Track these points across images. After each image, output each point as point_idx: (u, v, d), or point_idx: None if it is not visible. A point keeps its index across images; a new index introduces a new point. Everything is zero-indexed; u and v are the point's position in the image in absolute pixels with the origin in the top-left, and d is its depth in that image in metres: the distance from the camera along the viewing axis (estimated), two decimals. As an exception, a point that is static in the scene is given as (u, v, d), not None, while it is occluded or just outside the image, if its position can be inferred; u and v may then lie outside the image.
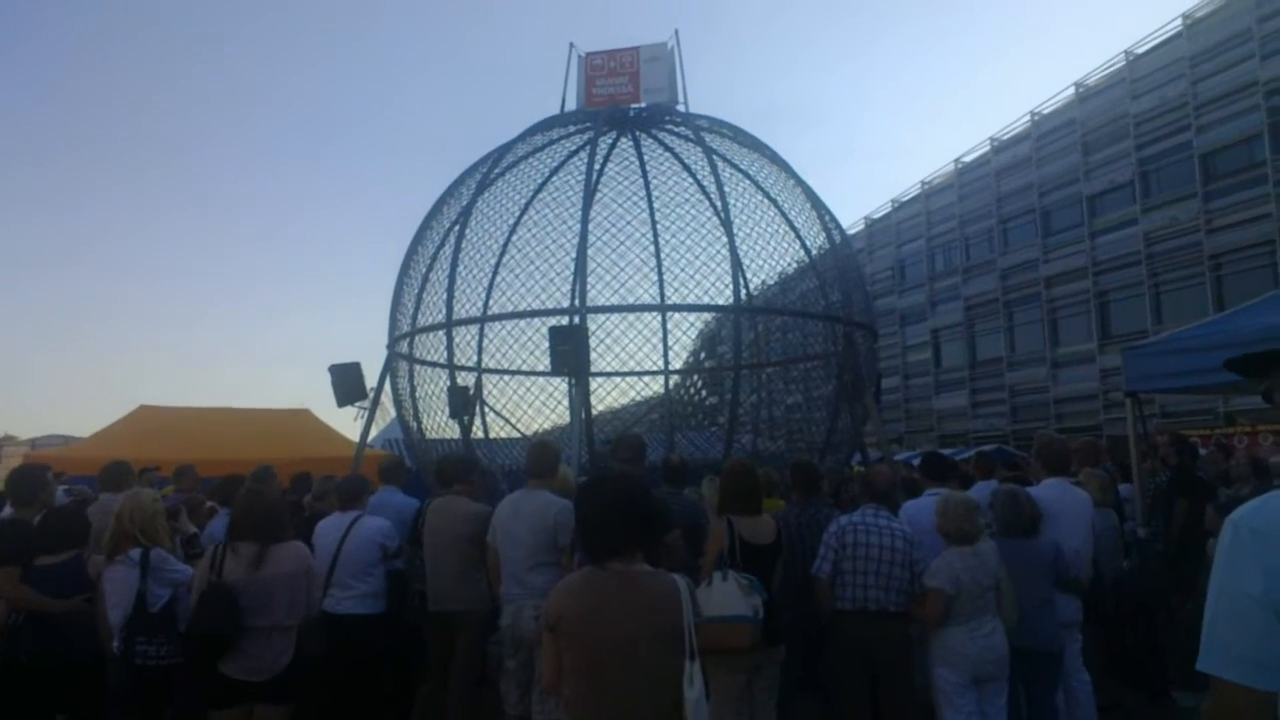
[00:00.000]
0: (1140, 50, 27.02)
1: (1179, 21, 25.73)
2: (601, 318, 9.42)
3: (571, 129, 10.36)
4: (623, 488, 2.79)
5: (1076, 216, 28.71)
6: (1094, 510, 5.51)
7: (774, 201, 10.19)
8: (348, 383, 9.85)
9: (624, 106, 10.38)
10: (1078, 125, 28.75)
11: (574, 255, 9.22)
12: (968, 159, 33.95)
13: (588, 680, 2.50)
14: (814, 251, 10.34)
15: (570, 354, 7.91)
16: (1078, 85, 29.12)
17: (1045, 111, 30.47)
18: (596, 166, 9.81)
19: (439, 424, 9.98)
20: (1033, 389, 30.04)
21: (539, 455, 4.99)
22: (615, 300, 9.59)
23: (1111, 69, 27.96)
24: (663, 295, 10.87)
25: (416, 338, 9.94)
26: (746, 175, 10.15)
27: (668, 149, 10.66)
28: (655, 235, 11.13)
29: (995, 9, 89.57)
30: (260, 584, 3.94)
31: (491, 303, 10.19)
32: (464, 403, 9.58)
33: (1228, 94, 24.04)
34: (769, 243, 10.05)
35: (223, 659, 3.88)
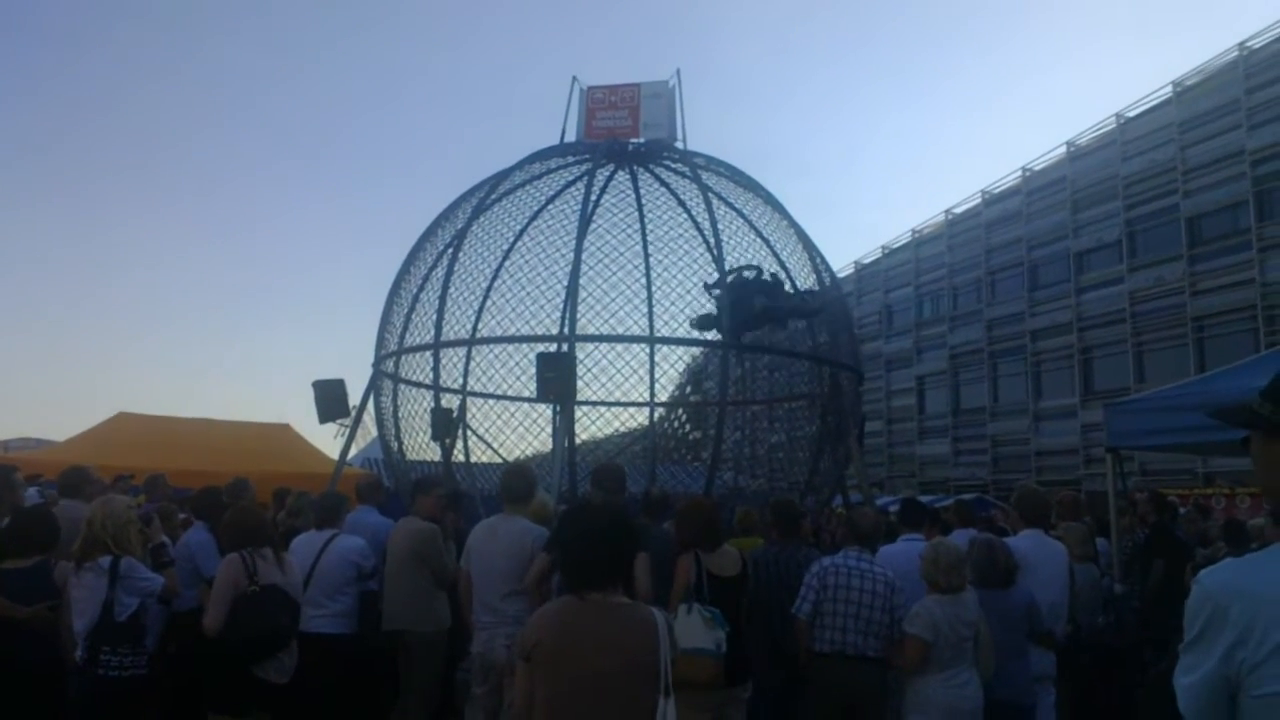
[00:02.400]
0: (1131, 113, 27.59)
1: (1169, 88, 26.31)
2: (590, 347, 9.41)
3: (570, 159, 10.42)
4: (606, 518, 2.77)
5: (1064, 272, 29.10)
6: (1074, 564, 5.52)
7: (766, 241, 10.26)
8: (330, 399, 9.77)
9: (623, 140, 10.46)
10: (1068, 183, 29.23)
11: (566, 283, 9.24)
12: (958, 210, 34.41)
13: (560, 711, 2.47)
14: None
15: (557, 381, 7.89)
16: (1069, 144, 29.65)
17: (1037, 168, 30.98)
18: (593, 198, 9.86)
19: (420, 445, 9.91)
20: (1014, 440, 30.21)
21: (515, 480, 4.96)
22: (605, 330, 9.60)
23: (1103, 130, 28.52)
24: (652, 328, 10.89)
25: (403, 357, 9.90)
26: (740, 214, 10.22)
27: (664, 184, 10.73)
28: (647, 268, 11.16)
29: (990, 64, 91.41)
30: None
31: (481, 326, 10.16)
32: (447, 425, 9.52)
33: (1215, 161, 24.55)
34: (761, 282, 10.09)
35: (265, 661, 4.09)
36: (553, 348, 8.57)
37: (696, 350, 12.08)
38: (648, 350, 11.00)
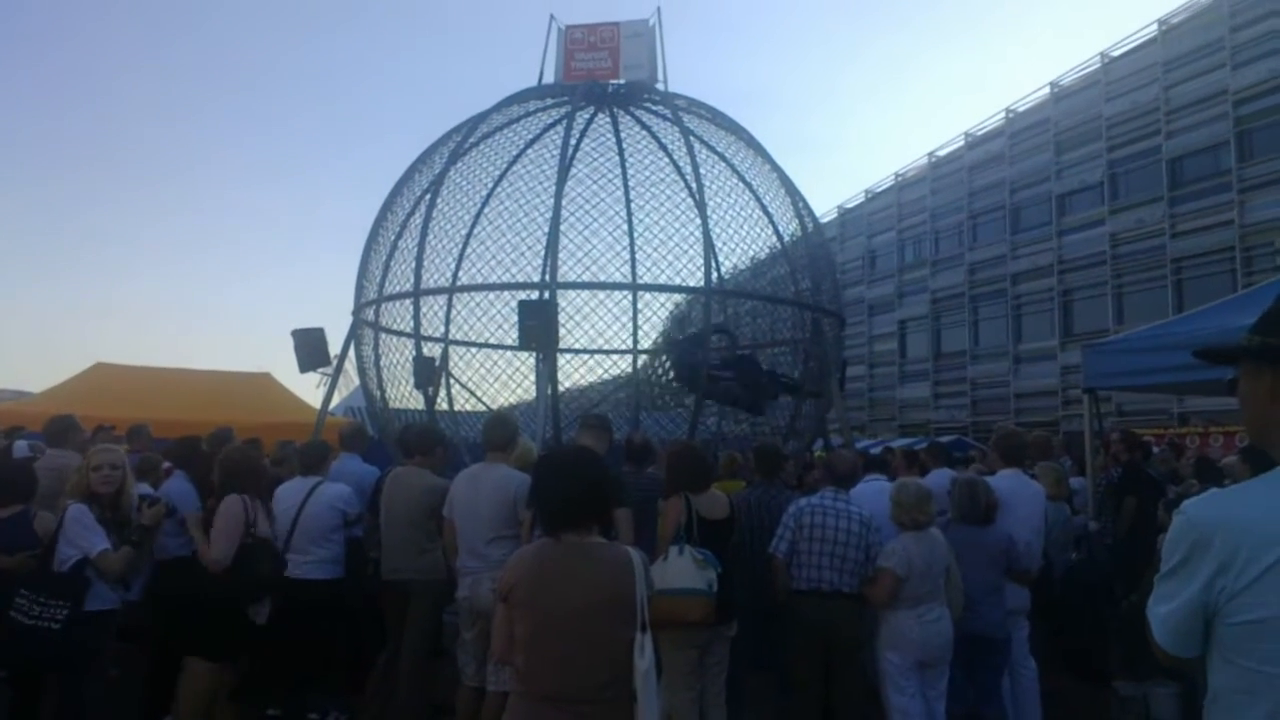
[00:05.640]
0: (1116, 53, 27.35)
1: (1155, 26, 26.06)
2: (572, 294, 9.37)
3: (548, 102, 10.24)
4: (579, 460, 2.81)
5: (1045, 215, 29.12)
6: (1047, 502, 5.63)
7: (749, 185, 10.17)
8: (311, 348, 9.70)
9: (602, 82, 10.28)
10: (1051, 124, 29.09)
11: (546, 230, 9.15)
12: (941, 153, 34.22)
13: (539, 650, 2.51)
14: (786, 237, 10.35)
15: (539, 329, 7.86)
16: (1053, 85, 29.42)
17: (1020, 109, 30.77)
18: (572, 142, 9.71)
19: (403, 394, 9.88)
20: (994, 383, 30.53)
21: (497, 428, 4.97)
22: (586, 277, 9.55)
23: (1087, 70, 28.28)
24: (634, 274, 10.83)
25: (383, 306, 9.81)
26: (722, 158, 10.11)
27: (645, 127, 10.58)
28: (629, 214, 11.06)
29: (975, 2, 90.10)
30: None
31: (461, 274, 10.07)
32: (429, 374, 9.49)
33: (1198, 101, 24.45)
34: (742, 226, 10.04)
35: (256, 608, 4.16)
36: (534, 295, 8.52)
37: (679, 297, 12.05)
38: (630, 297, 10.95)
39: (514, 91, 10.16)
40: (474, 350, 10.36)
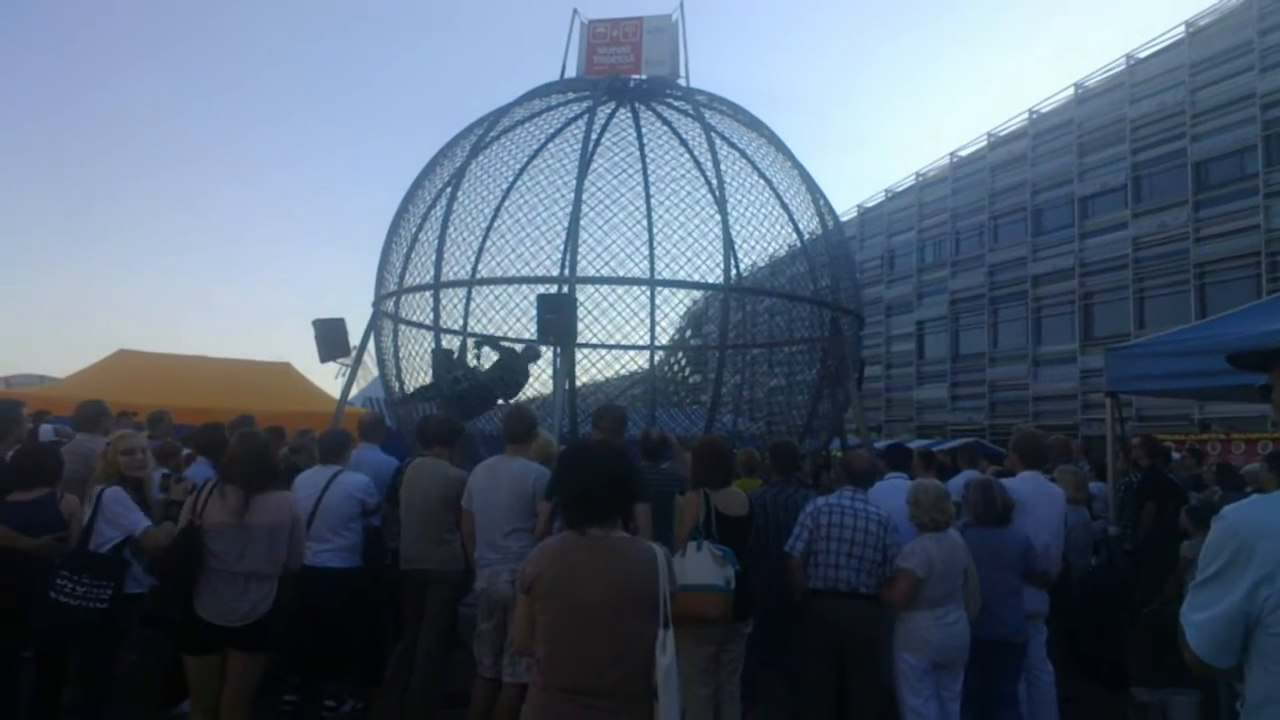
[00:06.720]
0: (1142, 54, 27.06)
1: (1182, 28, 25.77)
2: (590, 289, 9.35)
3: (570, 96, 10.24)
4: (606, 455, 2.81)
5: (1067, 217, 28.88)
6: (1066, 506, 5.59)
7: (769, 182, 10.14)
8: (331, 338, 9.76)
9: (624, 77, 10.27)
10: (1075, 126, 28.83)
11: (566, 224, 9.15)
12: (963, 153, 33.98)
13: (560, 642, 2.52)
14: (806, 235, 10.31)
15: (557, 323, 7.87)
16: (1077, 86, 29.15)
17: (1044, 110, 30.52)
18: (593, 136, 9.70)
19: (421, 385, 9.92)
20: (1012, 385, 30.32)
21: (515, 420, 4.99)
22: (605, 272, 9.53)
23: (1112, 71, 28.01)
24: (653, 270, 10.82)
25: (403, 297, 9.85)
26: (743, 154, 10.08)
27: (666, 123, 10.57)
28: (648, 209, 11.05)
29: (1001, 2, 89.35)
30: (242, 530, 3.84)
31: (480, 267, 10.10)
32: (447, 366, 9.53)
33: (1225, 104, 24.17)
34: (761, 224, 9.99)
35: (194, 601, 3.82)
36: (553, 289, 8.52)
37: (697, 293, 12.02)
38: (648, 293, 10.94)
39: (536, 85, 10.17)
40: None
